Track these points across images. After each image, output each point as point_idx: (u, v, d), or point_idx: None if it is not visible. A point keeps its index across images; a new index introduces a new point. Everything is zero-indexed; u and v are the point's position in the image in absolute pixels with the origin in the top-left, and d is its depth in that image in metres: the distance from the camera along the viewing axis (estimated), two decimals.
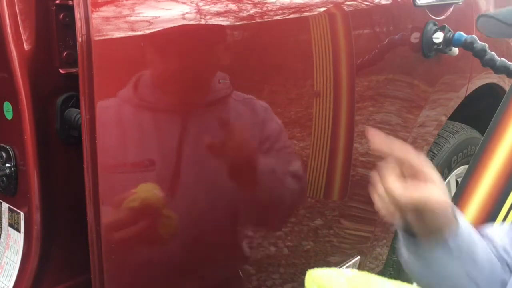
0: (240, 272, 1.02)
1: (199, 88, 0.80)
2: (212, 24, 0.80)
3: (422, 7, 1.30)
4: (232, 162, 0.90)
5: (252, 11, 0.87)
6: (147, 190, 0.76)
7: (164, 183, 0.75)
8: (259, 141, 0.93)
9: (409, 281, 0.85)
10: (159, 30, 0.74)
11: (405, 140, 1.36)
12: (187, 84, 0.79)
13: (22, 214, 0.79)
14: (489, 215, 1.51)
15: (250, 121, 0.89)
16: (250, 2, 0.88)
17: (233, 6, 0.84)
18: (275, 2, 0.91)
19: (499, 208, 1.52)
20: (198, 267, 0.90)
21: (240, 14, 0.85)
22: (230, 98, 0.85)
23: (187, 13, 0.78)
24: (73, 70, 0.75)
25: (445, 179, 1.67)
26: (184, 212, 0.85)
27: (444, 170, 1.64)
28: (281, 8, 0.92)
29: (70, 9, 0.71)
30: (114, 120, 0.71)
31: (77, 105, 0.77)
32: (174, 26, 0.76)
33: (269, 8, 0.90)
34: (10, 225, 0.81)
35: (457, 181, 1.80)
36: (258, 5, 0.88)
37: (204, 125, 0.83)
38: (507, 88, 1.76)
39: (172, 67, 0.76)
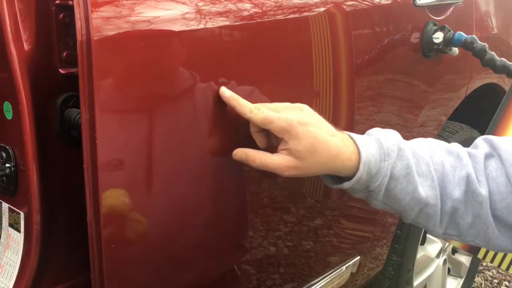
0: (240, 272, 1.02)
1: (200, 88, 0.80)
2: (212, 24, 0.80)
3: (422, 7, 1.30)
4: (231, 162, 0.90)
5: (251, 11, 0.87)
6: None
7: (164, 182, 0.75)
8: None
9: (408, 282, 0.84)
10: (159, 30, 0.74)
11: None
12: (187, 84, 0.79)
13: (22, 214, 0.79)
14: None
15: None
16: (249, 2, 0.88)
17: (232, 6, 0.84)
18: (274, 2, 0.91)
19: None
20: (198, 267, 0.90)
21: (240, 14, 0.85)
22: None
23: (187, 13, 0.78)
24: (73, 70, 0.75)
25: None
26: (185, 212, 0.85)
27: None
28: (281, 8, 0.92)
29: (70, 9, 0.71)
30: (114, 120, 0.71)
31: (77, 105, 0.77)
32: (174, 26, 0.76)
33: (269, 8, 0.90)
34: (10, 225, 0.81)
35: None
36: (258, 5, 0.88)
37: (206, 124, 0.83)
38: (507, 88, 1.76)
39: (172, 67, 0.76)
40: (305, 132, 0.77)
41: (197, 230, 0.89)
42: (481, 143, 0.85)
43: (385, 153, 0.81)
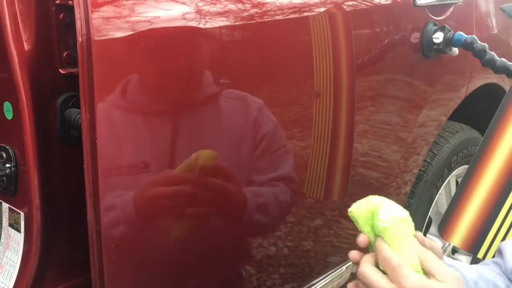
0: (240, 272, 1.02)
1: (200, 88, 0.80)
2: (212, 24, 0.80)
3: (422, 7, 1.30)
4: (230, 162, 0.90)
5: (251, 11, 0.87)
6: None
7: (164, 183, 0.75)
8: (258, 140, 0.93)
9: None
10: (159, 30, 0.74)
11: (405, 140, 1.36)
12: (187, 84, 0.79)
13: (22, 214, 0.79)
14: (480, 232, 1.52)
15: (250, 121, 0.89)
16: (249, 2, 0.88)
17: (232, 6, 0.84)
18: (274, 2, 0.91)
19: (491, 223, 1.53)
20: (198, 267, 0.90)
21: (240, 14, 0.85)
22: (230, 98, 0.84)
23: (187, 13, 0.78)
24: (73, 70, 0.75)
25: (445, 179, 1.67)
26: (185, 212, 0.85)
27: (444, 170, 1.64)
28: (281, 8, 0.92)
29: (70, 9, 0.71)
30: (114, 120, 0.71)
31: (77, 105, 0.77)
32: (174, 26, 0.76)
33: (269, 8, 0.90)
34: (10, 225, 0.81)
35: (457, 181, 1.80)
36: (257, 5, 0.88)
37: (205, 125, 0.83)
38: (507, 88, 1.76)
39: (172, 67, 0.76)
40: None
41: (197, 231, 0.89)
42: None
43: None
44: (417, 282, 0.68)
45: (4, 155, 0.78)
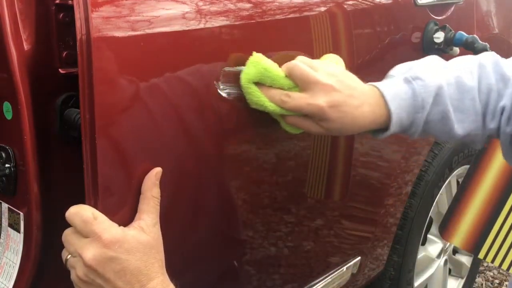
0: (241, 273, 1.02)
1: (201, 87, 0.80)
2: (212, 24, 0.80)
3: (423, 6, 1.30)
4: (231, 161, 0.90)
5: (251, 11, 0.87)
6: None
7: (165, 183, 0.75)
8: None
9: (409, 282, 0.84)
10: (159, 30, 0.74)
11: (406, 139, 1.36)
12: (188, 83, 0.78)
13: (21, 214, 0.79)
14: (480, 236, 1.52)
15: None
16: (249, 2, 0.88)
17: (232, 6, 0.84)
18: (274, 1, 0.91)
19: (492, 224, 1.53)
20: (198, 267, 0.90)
21: (239, 13, 0.85)
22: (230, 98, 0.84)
23: (187, 13, 0.77)
24: (73, 70, 0.75)
25: (446, 179, 1.67)
26: (184, 212, 0.85)
27: (445, 171, 1.63)
28: (281, 7, 0.92)
29: (70, 9, 0.71)
30: (114, 120, 0.71)
31: (77, 105, 0.76)
32: (174, 26, 0.76)
33: (269, 8, 0.90)
34: (10, 225, 0.81)
35: (458, 182, 1.80)
36: (257, 5, 0.88)
37: (207, 124, 0.83)
38: None
39: (172, 66, 0.76)
40: (335, 116, 0.80)
41: (198, 231, 0.89)
42: None
43: (420, 105, 0.83)
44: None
45: (3, 155, 0.77)
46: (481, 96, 0.84)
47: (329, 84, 0.80)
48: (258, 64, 0.80)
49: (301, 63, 0.81)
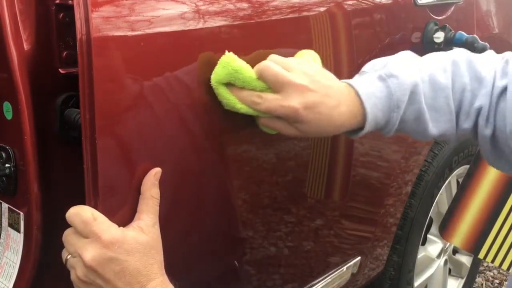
0: (241, 273, 1.02)
1: (201, 87, 0.80)
2: (212, 24, 0.80)
3: (423, 6, 1.30)
4: (231, 161, 0.90)
5: (251, 11, 0.87)
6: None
7: (165, 183, 0.75)
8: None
9: (409, 282, 0.84)
10: (159, 30, 0.74)
11: (406, 139, 1.36)
12: (188, 83, 0.78)
13: (21, 214, 0.79)
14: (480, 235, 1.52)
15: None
16: (248, 1, 0.88)
17: (231, 6, 0.84)
18: (274, 1, 0.91)
19: (492, 224, 1.53)
20: (198, 267, 0.90)
21: (239, 13, 0.85)
22: None
23: (187, 13, 0.77)
24: (73, 70, 0.75)
25: (446, 179, 1.67)
26: (184, 212, 0.85)
27: (445, 170, 1.63)
28: (281, 7, 0.92)
29: (70, 9, 0.71)
30: (114, 120, 0.71)
31: (77, 105, 0.76)
32: (174, 26, 0.76)
33: (269, 8, 0.90)
34: (10, 225, 0.81)
35: (458, 181, 1.80)
36: (257, 5, 0.88)
37: (207, 124, 0.83)
38: None
39: (172, 66, 0.76)
40: (310, 118, 0.77)
41: (198, 231, 0.89)
42: (506, 69, 0.83)
43: (395, 104, 0.81)
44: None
45: (3, 155, 0.77)
46: (455, 95, 0.82)
47: (303, 84, 0.76)
48: (228, 64, 0.77)
49: (273, 63, 0.78)
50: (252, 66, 0.79)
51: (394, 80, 0.81)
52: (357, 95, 0.80)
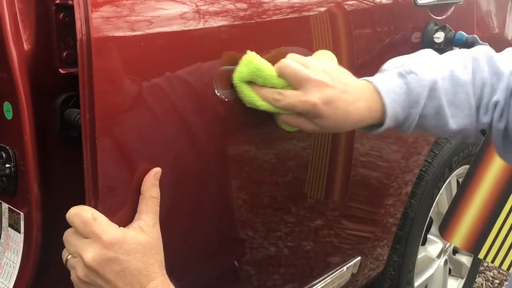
0: (241, 273, 1.02)
1: (201, 87, 0.80)
2: (211, 24, 0.80)
3: (423, 6, 1.30)
4: (231, 161, 0.90)
5: (251, 11, 0.87)
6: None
7: (165, 183, 0.75)
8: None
9: (409, 282, 0.84)
10: (159, 30, 0.74)
11: (406, 139, 1.36)
12: (188, 83, 0.78)
13: (22, 214, 0.79)
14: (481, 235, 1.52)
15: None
16: (248, 1, 0.88)
17: (231, 6, 0.84)
18: (274, 1, 0.91)
19: (492, 224, 1.53)
20: (198, 267, 0.90)
21: (239, 13, 0.85)
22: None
23: (187, 13, 0.77)
24: (73, 70, 0.75)
25: (446, 179, 1.67)
26: (184, 212, 0.85)
27: (445, 170, 1.63)
28: (281, 7, 0.92)
29: (70, 9, 0.71)
30: (114, 120, 0.71)
31: (77, 105, 0.76)
32: (174, 26, 0.76)
33: (269, 8, 0.90)
34: (10, 225, 0.81)
35: (458, 181, 1.80)
36: (257, 5, 0.88)
37: (207, 124, 0.83)
38: None
39: (172, 66, 0.76)
40: (329, 113, 0.79)
41: (198, 231, 0.89)
42: None
43: (414, 100, 0.82)
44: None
45: (3, 155, 0.77)
46: (475, 90, 0.84)
47: (322, 80, 0.78)
48: (250, 63, 0.79)
49: (292, 61, 0.80)
50: (272, 65, 0.81)
51: (414, 77, 0.82)
52: (376, 91, 0.81)
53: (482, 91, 0.84)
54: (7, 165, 0.77)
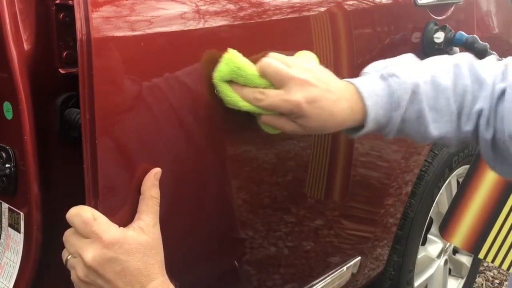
0: (241, 273, 1.02)
1: (201, 87, 0.80)
2: (212, 24, 0.80)
3: (423, 6, 1.30)
4: (231, 161, 0.90)
5: (251, 11, 0.87)
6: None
7: (165, 183, 0.75)
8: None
9: (409, 282, 0.84)
10: (159, 30, 0.74)
11: (406, 139, 1.36)
12: (188, 83, 0.78)
13: (22, 214, 0.79)
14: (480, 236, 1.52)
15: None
16: (249, 1, 0.88)
17: (231, 6, 0.84)
18: (274, 1, 0.91)
19: (492, 224, 1.53)
20: (198, 267, 0.90)
21: (239, 13, 0.85)
22: None
23: (187, 13, 0.77)
24: (73, 70, 0.75)
25: (446, 179, 1.67)
26: (184, 212, 0.85)
27: (445, 170, 1.63)
28: (281, 7, 0.92)
29: (70, 9, 0.71)
30: (114, 120, 0.71)
31: (77, 105, 0.76)
32: (174, 26, 0.76)
33: (269, 8, 0.90)
34: (10, 225, 0.81)
35: (458, 181, 1.80)
36: (257, 5, 0.88)
37: (207, 124, 0.83)
38: None
39: (172, 66, 0.76)
40: (313, 112, 0.77)
41: (198, 231, 0.89)
42: (506, 73, 0.83)
43: (396, 103, 0.81)
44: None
45: (3, 155, 0.77)
46: (456, 96, 0.83)
47: (305, 79, 0.77)
48: (230, 61, 0.77)
49: (274, 60, 0.79)
50: (254, 64, 0.80)
51: (396, 79, 0.81)
52: (357, 92, 0.80)
53: (463, 98, 0.83)
54: (7, 165, 0.77)
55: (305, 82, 0.77)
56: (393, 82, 0.81)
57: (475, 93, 0.83)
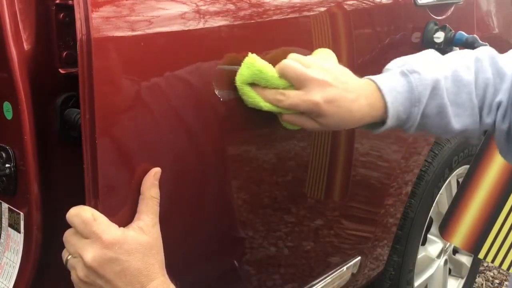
0: (241, 273, 1.02)
1: (201, 87, 0.80)
2: (212, 24, 0.80)
3: (423, 6, 1.30)
4: (231, 161, 0.90)
5: (251, 11, 0.87)
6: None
7: (165, 183, 0.75)
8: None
9: (409, 282, 0.84)
10: (159, 30, 0.74)
11: (406, 139, 1.36)
12: (188, 83, 0.78)
13: (22, 214, 0.79)
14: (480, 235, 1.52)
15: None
16: (249, 1, 0.88)
17: (231, 6, 0.84)
18: (274, 1, 0.91)
19: (492, 223, 1.53)
20: (198, 267, 0.90)
21: (239, 13, 0.85)
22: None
23: (187, 13, 0.77)
24: (73, 70, 0.75)
25: (446, 179, 1.67)
26: (184, 212, 0.85)
27: (445, 170, 1.63)
28: (281, 7, 0.92)
29: (70, 9, 0.71)
30: (114, 120, 0.71)
31: (77, 105, 0.76)
32: (174, 26, 0.76)
33: (269, 8, 0.90)
34: (10, 225, 0.81)
35: (458, 181, 1.80)
36: (257, 5, 0.88)
37: (207, 124, 0.83)
38: None
39: (172, 66, 0.76)
40: (331, 111, 0.79)
41: (198, 231, 0.89)
42: None
43: (416, 99, 0.83)
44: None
45: (3, 155, 0.77)
46: (478, 90, 0.84)
47: (323, 79, 0.79)
48: (251, 65, 0.80)
49: (293, 62, 0.81)
50: (273, 66, 0.82)
51: (416, 76, 0.83)
52: (378, 89, 0.82)
53: (485, 91, 0.85)
54: (7, 165, 0.77)
55: (324, 83, 0.79)
56: (413, 78, 0.83)
57: (497, 86, 0.84)
